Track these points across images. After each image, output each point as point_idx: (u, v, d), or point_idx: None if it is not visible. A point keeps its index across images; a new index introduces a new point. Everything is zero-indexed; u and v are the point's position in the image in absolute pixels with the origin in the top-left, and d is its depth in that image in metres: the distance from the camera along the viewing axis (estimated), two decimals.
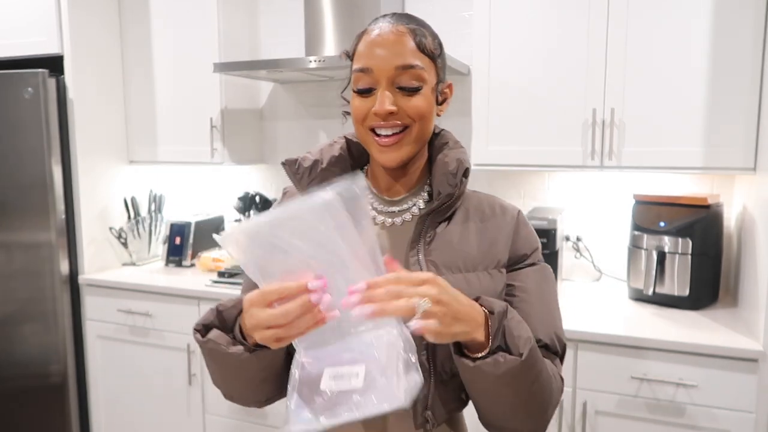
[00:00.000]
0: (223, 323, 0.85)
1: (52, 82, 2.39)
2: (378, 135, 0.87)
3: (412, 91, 0.86)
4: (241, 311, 0.81)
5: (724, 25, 1.76)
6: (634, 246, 2.00)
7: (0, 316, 2.53)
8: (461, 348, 0.79)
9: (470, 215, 0.94)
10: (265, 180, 2.83)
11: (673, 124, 1.85)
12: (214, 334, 0.84)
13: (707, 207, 1.89)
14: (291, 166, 0.96)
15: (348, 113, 0.96)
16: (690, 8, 1.80)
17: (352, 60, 0.91)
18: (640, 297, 2.00)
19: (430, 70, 0.88)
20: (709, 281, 1.94)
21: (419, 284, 0.71)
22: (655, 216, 1.96)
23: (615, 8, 1.88)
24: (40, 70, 2.35)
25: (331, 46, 2.36)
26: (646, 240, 1.96)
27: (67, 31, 2.41)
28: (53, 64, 2.41)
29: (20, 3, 2.45)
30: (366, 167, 1.01)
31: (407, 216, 0.94)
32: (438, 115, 0.93)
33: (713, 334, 1.68)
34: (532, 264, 0.94)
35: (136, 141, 2.70)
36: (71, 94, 2.44)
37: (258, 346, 0.80)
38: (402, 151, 0.88)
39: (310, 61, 2.16)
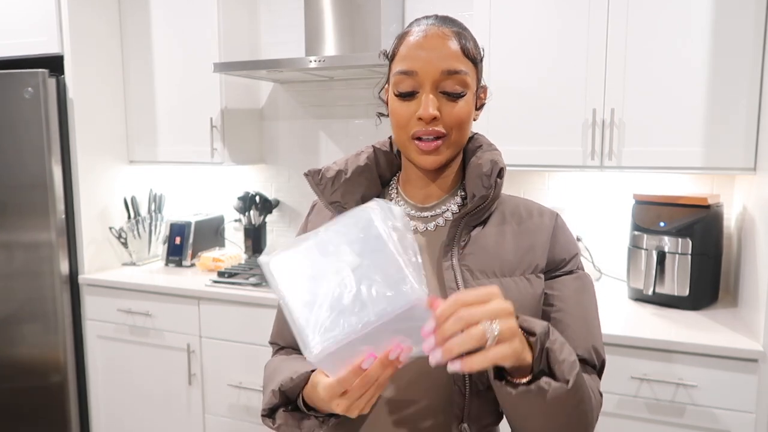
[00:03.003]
0: (287, 401, 0.86)
1: (52, 82, 2.39)
2: (419, 140, 0.85)
3: (456, 97, 0.84)
4: (303, 386, 0.82)
5: (724, 24, 1.76)
6: (634, 246, 2.00)
7: (0, 316, 2.53)
8: (500, 372, 0.73)
9: (507, 218, 0.91)
10: (265, 180, 2.83)
11: (673, 124, 1.85)
12: (282, 416, 0.85)
13: (707, 207, 1.89)
14: (314, 177, 0.94)
15: (382, 114, 0.95)
16: (690, 8, 1.80)
17: (390, 61, 0.89)
18: (640, 297, 2.00)
19: (473, 76, 0.86)
20: (709, 281, 1.94)
21: (485, 302, 0.65)
22: (655, 216, 1.96)
23: (615, 8, 1.88)
24: (40, 70, 2.35)
25: (331, 46, 2.36)
26: (646, 240, 1.96)
27: (67, 31, 2.41)
28: (53, 64, 2.41)
29: (20, 3, 2.45)
30: (396, 176, 0.99)
31: (440, 221, 0.92)
32: (474, 119, 0.90)
33: (713, 334, 1.68)
34: (571, 272, 0.91)
35: (136, 141, 2.70)
36: (71, 94, 2.44)
37: (329, 415, 0.81)
38: (441, 155, 0.86)
39: (310, 61, 2.16)
